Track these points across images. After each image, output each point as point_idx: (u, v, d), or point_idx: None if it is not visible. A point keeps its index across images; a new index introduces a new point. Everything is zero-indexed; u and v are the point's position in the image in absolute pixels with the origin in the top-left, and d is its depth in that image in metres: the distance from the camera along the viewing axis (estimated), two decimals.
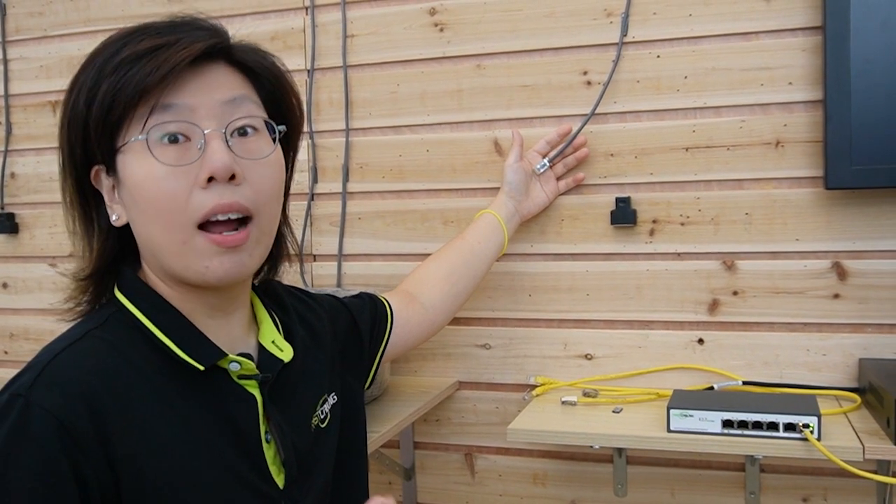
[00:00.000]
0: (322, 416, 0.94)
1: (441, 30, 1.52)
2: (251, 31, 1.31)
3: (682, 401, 1.22)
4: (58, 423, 0.71)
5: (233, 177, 0.79)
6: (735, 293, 1.40)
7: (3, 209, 1.83)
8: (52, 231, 1.80)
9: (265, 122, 0.85)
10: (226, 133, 0.80)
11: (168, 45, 0.78)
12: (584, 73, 1.45)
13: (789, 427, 1.15)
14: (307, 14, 1.60)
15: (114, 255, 0.85)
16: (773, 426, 1.15)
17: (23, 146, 1.81)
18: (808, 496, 1.40)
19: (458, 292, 1.32)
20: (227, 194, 0.79)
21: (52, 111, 1.78)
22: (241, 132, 0.82)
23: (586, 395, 1.38)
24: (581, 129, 1.44)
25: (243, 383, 0.85)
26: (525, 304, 1.51)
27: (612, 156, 1.44)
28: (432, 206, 1.55)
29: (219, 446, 0.81)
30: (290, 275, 1.08)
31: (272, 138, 0.85)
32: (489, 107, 1.50)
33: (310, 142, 1.60)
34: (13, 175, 1.82)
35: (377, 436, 1.24)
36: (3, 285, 1.85)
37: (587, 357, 1.48)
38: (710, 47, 1.39)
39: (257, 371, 0.86)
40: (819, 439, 1.13)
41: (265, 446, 0.85)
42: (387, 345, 1.17)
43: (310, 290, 1.08)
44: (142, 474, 0.75)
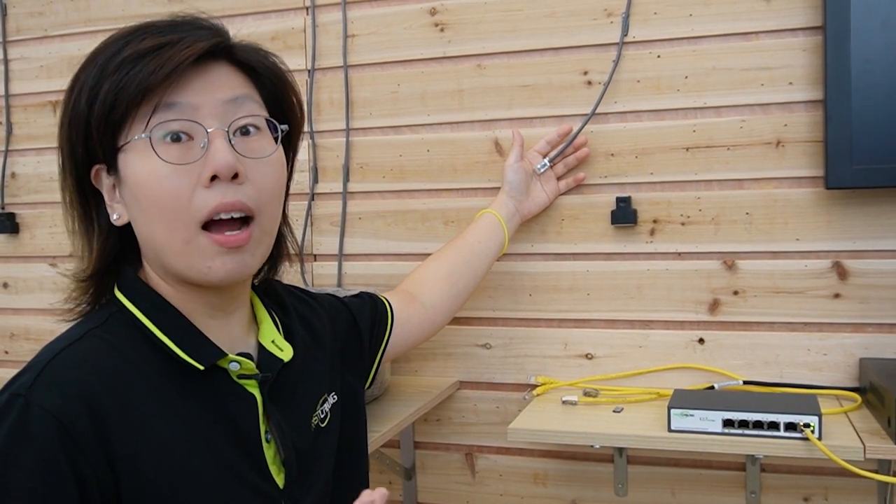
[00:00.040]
0: (322, 416, 0.94)
1: (441, 30, 1.52)
2: (252, 31, 1.31)
3: (683, 400, 1.22)
4: (57, 422, 0.71)
5: (236, 176, 0.79)
6: (735, 293, 1.40)
7: (3, 209, 1.83)
8: (52, 231, 1.80)
9: (267, 121, 0.85)
10: (229, 132, 0.80)
11: (171, 44, 0.77)
12: (585, 73, 1.45)
13: (790, 426, 1.14)
14: (308, 14, 1.60)
15: (114, 254, 0.85)
16: (773, 426, 1.15)
17: (23, 146, 1.81)
18: (808, 496, 1.39)
19: (459, 292, 1.32)
20: (229, 193, 0.79)
21: (52, 111, 1.78)
22: (244, 131, 0.82)
23: (587, 394, 1.38)
24: (581, 128, 1.44)
25: (243, 383, 0.85)
26: (525, 303, 1.51)
27: (612, 156, 1.44)
28: (433, 206, 1.55)
29: (219, 446, 0.81)
30: (290, 275, 1.08)
31: (274, 138, 0.85)
32: (490, 107, 1.50)
33: (310, 142, 1.60)
34: (13, 175, 1.82)
35: (377, 435, 1.24)
36: (4, 285, 1.85)
37: (588, 357, 1.48)
38: (710, 47, 1.39)
39: (257, 371, 0.86)
40: (820, 439, 1.13)
41: (265, 446, 0.85)
42: (387, 344, 1.17)
43: (310, 290, 1.08)
44: (142, 474, 0.75)
